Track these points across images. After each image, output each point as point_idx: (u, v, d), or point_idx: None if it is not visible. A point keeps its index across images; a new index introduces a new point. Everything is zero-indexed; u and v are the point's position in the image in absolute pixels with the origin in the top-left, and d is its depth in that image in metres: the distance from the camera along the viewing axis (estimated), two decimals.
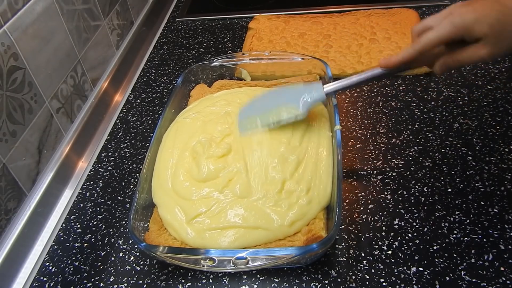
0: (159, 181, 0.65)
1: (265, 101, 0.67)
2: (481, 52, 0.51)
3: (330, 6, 1.12)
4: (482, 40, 0.50)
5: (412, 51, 0.55)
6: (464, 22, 0.50)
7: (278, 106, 0.64)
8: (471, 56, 0.52)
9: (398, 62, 0.56)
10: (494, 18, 0.49)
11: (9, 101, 0.65)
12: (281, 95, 0.66)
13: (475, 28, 0.50)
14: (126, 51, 1.02)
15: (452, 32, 0.51)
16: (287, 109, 0.63)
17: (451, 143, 0.72)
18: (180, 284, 0.58)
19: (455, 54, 0.53)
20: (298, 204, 0.58)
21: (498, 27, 0.49)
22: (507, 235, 0.58)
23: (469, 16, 0.50)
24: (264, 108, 0.66)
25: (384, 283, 0.55)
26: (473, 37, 0.51)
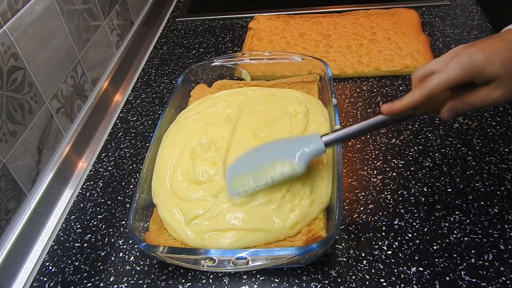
0: (159, 181, 0.65)
1: (256, 156, 0.60)
2: (495, 94, 0.47)
3: (330, 6, 1.12)
4: (495, 81, 0.47)
5: (419, 96, 0.50)
6: (474, 63, 0.47)
7: (272, 162, 0.57)
8: (483, 99, 0.48)
9: (402, 108, 0.51)
10: (506, 57, 0.46)
11: (9, 101, 0.65)
12: (274, 149, 0.59)
13: (487, 68, 0.46)
14: (126, 51, 1.02)
15: (461, 74, 0.47)
16: (282, 163, 0.56)
17: (451, 143, 0.72)
18: (180, 284, 0.58)
19: (465, 98, 0.49)
20: (300, 206, 0.58)
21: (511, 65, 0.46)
22: (507, 235, 0.58)
23: (479, 56, 0.47)
24: (256, 164, 0.58)
25: (384, 283, 0.55)
26: (484, 78, 0.47)
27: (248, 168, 0.58)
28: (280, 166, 0.56)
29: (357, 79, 0.89)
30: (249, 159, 0.60)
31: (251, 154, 0.60)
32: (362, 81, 0.88)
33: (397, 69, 0.87)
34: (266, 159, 0.58)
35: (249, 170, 0.58)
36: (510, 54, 0.46)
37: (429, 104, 0.52)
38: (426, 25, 1.01)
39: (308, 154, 0.56)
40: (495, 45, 0.47)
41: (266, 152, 0.59)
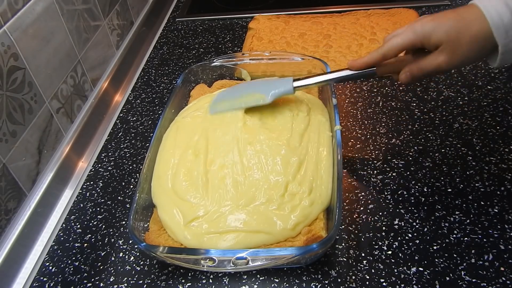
0: (159, 181, 0.65)
1: (238, 90, 0.73)
2: (439, 59, 0.54)
3: (330, 6, 1.12)
4: (440, 48, 0.53)
5: (376, 54, 0.58)
6: (423, 30, 0.54)
7: (248, 94, 0.69)
8: (430, 63, 0.55)
9: (363, 63, 0.60)
10: (449, 26, 0.52)
11: (9, 101, 0.65)
12: (252, 85, 0.72)
13: (432, 35, 0.53)
14: (126, 51, 1.03)
15: (412, 38, 0.55)
16: (254, 95, 0.68)
17: (451, 143, 0.72)
18: (180, 284, 0.58)
19: (418, 62, 0.56)
20: (300, 206, 0.58)
21: (453, 34, 0.52)
22: (507, 235, 0.58)
23: (429, 25, 0.54)
24: (235, 95, 0.71)
25: (384, 283, 0.55)
26: (431, 44, 0.54)
27: (229, 96, 0.72)
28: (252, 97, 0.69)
29: None
30: (233, 90, 0.73)
31: (236, 88, 0.74)
32: (362, 81, 0.88)
33: None
34: (244, 92, 0.71)
35: (229, 97, 0.71)
36: (454, 23, 0.52)
37: (391, 65, 0.59)
38: None
39: (277, 92, 0.67)
40: (446, 16, 0.53)
41: (246, 87, 0.72)
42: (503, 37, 0.51)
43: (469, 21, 0.52)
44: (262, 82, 0.73)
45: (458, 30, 0.52)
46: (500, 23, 0.50)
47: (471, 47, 0.52)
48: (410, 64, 0.58)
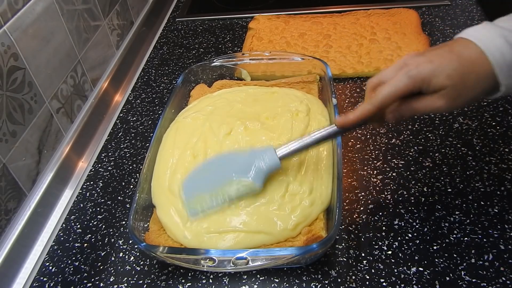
0: (158, 181, 0.65)
1: (212, 173, 0.59)
2: (438, 103, 0.48)
3: (330, 6, 1.12)
4: (440, 92, 0.48)
5: (371, 107, 0.51)
6: (421, 74, 0.48)
7: (228, 181, 0.57)
8: (427, 106, 0.49)
9: (356, 120, 0.53)
10: (452, 69, 0.47)
11: (9, 101, 0.65)
12: (229, 164, 0.59)
13: (433, 80, 0.47)
14: (126, 51, 1.02)
15: (409, 84, 0.49)
16: (239, 183, 0.57)
17: (451, 143, 0.72)
18: (180, 284, 0.58)
19: (411, 103, 0.50)
20: (301, 206, 0.58)
21: (457, 78, 0.47)
22: (507, 235, 0.58)
23: (426, 67, 0.48)
24: (212, 183, 0.58)
25: (384, 283, 0.55)
26: (431, 89, 0.48)
27: (205, 187, 0.58)
28: (236, 185, 0.57)
29: (357, 79, 0.89)
30: (204, 175, 0.60)
31: (206, 170, 0.60)
32: (362, 81, 0.88)
33: None
34: (222, 176, 0.58)
35: (206, 189, 0.58)
36: (455, 65, 0.47)
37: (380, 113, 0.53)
38: (426, 25, 1.01)
39: (264, 171, 0.57)
40: (443, 56, 0.48)
41: (222, 167, 0.59)
42: (506, 76, 0.47)
43: (471, 62, 0.47)
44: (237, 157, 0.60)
45: (462, 73, 0.47)
46: (503, 63, 0.46)
47: (476, 89, 0.48)
48: (398, 105, 0.51)
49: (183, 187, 0.60)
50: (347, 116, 0.53)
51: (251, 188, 0.57)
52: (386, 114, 0.53)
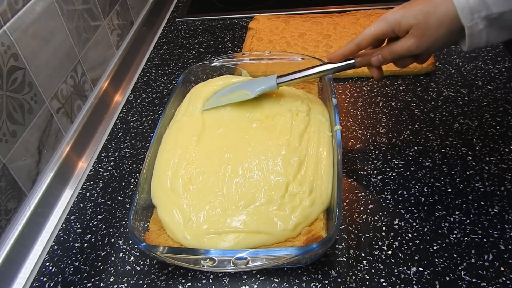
0: (158, 181, 0.64)
1: (230, 88, 0.76)
2: (409, 42, 0.56)
3: (330, 6, 1.12)
4: (410, 32, 0.55)
5: (351, 45, 0.61)
6: (394, 17, 0.56)
7: (236, 91, 0.73)
8: (401, 46, 0.57)
9: (340, 54, 0.63)
10: (418, 10, 0.54)
11: (9, 101, 0.65)
12: (244, 83, 0.75)
13: (402, 21, 0.55)
14: (126, 51, 1.02)
15: (384, 26, 0.57)
16: (239, 92, 0.72)
17: (451, 143, 0.72)
18: (180, 284, 0.58)
19: (390, 46, 0.59)
20: (301, 207, 0.58)
21: (421, 18, 0.54)
22: (507, 235, 0.58)
23: (399, 12, 0.56)
24: (226, 92, 0.75)
25: (384, 283, 0.55)
26: (401, 30, 0.56)
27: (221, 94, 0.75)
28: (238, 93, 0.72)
29: (357, 79, 0.89)
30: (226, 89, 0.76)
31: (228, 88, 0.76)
32: (362, 81, 0.88)
33: (397, 69, 0.87)
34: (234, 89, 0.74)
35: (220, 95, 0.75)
36: (422, 7, 0.54)
37: (366, 55, 0.62)
38: None
39: (261, 88, 0.70)
40: (416, 2, 0.55)
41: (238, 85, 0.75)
42: (468, 19, 0.51)
43: (436, 4, 0.53)
44: (251, 80, 0.76)
45: (425, 13, 0.53)
46: (465, 4, 0.51)
47: (439, 29, 0.54)
48: (380, 49, 0.60)
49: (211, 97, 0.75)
50: (335, 52, 0.64)
51: (246, 94, 0.71)
52: (371, 58, 0.61)
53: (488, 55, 0.89)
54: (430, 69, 0.87)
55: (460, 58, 0.90)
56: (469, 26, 0.52)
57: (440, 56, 0.91)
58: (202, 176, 0.63)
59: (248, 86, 0.73)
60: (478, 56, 0.90)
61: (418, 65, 0.86)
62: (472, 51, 0.90)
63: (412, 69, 0.87)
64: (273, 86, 0.70)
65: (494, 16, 0.51)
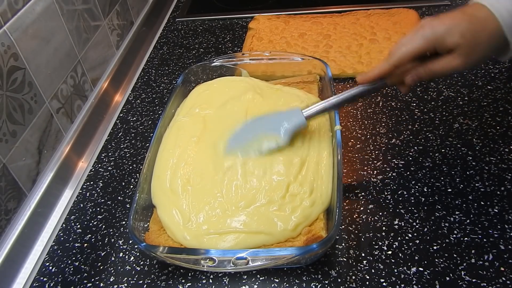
0: (158, 181, 0.64)
1: (248, 131, 0.67)
2: (455, 62, 0.51)
3: (330, 6, 1.12)
4: (455, 51, 0.51)
5: (387, 65, 0.55)
6: (435, 34, 0.51)
7: (259, 135, 0.64)
8: (444, 66, 0.52)
9: (374, 76, 0.57)
10: (464, 28, 0.50)
11: (9, 101, 0.65)
12: (262, 123, 0.66)
13: (447, 38, 0.50)
14: (126, 51, 1.02)
15: (424, 44, 0.52)
16: (267, 137, 0.63)
17: (451, 143, 0.72)
18: (180, 284, 0.58)
19: (428, 65, 0.54)
20: (301, 207, 0.58)
21: (469, 36, 0.50)
22: (507, 235, 0.58)
23: (440, 28, 0.51)
24: (247, 138, 0.65)
25: (384, 283, 0.55)
26: (445, 48, 0.51)
27: (241, 141, 0.65)
28: (266, 139, 0.63)
29: None
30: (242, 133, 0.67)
31: (244, 129, 0.67)
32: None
33: None
34: (255, 132, 0.65)
35: (242, 143, 0.65)
36: (468, 25, 0.50)
37: (398, 75, 0.56)
38: None
39: (291, 128, 0.62)
40: (455, 18, 0.51)
41: (256, 126, 0.67)
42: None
43: (483, 20, 0.50)
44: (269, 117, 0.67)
45: (474, 31, 0.50)
46: (511, 22, 0.49)
47: (489, 47, 0.51)
48: (416, 67, 0.55)
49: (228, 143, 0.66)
50: (366, 74, 0.58)
51: (277, 141, 0.62)
52: (406, 77, 0.56)
53: None
54: None
55: None
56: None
57: None
58: (201, 177, 0.63)
59: (272, 126, 0.64)
60: None
61: None
62: None
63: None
64: (302, 123, 0.62)
65: None
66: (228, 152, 0.64)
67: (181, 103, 0.79)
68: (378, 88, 0.59)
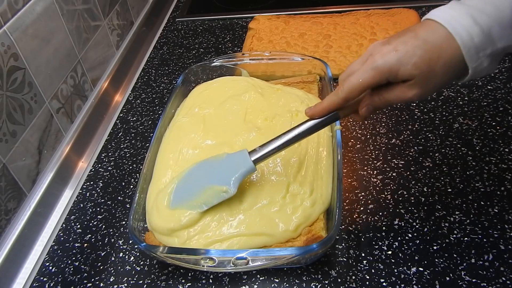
0: (156, 185, 0.64)
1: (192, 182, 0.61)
2: (410, 93, 0.47)
3: (330, 6, 1.12)
4: (409, 82, 0.47)
5: (336, 98, 0.50)
6: (386, 65, 0.46)
7: (205, 188, 0.58)
8: (399, 96, 0.48)
9: (323, 110, 0.52)
10: (418, 57, 0.45)
11: (9, 101, 0.65)
12: (206, 172, 0.60)
13: (400, 69, 0.46)
14: (126, 51, 1.02)
15: (376, 76, 0.47)
16: (213, 189, 0.57)
17: (451, 143, 0.72)
18: (180, 284, 0.58)
19: (382, 93, 0.49)
20: (302, 207, 0.58)
21: (424, 67, 0.45)
22: (507, 235, 0.58)
23: (392, 57, 0.46)
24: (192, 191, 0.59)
25: (384, 283, 0.55)
26: (399, 79, 0.47)
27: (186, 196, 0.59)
28: (212, 192, 0.57)
29: None
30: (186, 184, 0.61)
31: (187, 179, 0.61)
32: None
33: None
34: (200, 185, 0.59)
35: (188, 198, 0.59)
36: (422, 53, 0.45)
37: (351, 106, 0.52)
38: None
39: (239, 178, 0.57)
40: (408, 43, 0.46)
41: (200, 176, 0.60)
42: (474, 59, 0.45)
43: (438, 47, 0.45)
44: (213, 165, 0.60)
45: (429, 60, 0.45)
46: (471, 44, 0.44)
47: (445, 75, 0.46)
48: (371, 95, 0.50)
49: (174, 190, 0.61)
50: (315, 107, 0.53)
51: (224, 193, 0.57)
52: (360, 108, 0.51)
53: None
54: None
55: None
56: (475, 67, 0.45)
57: None
58: None
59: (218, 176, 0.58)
60: None
61: None
62: None
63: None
64: (251, 169, 0.56)
65: (498, 51, 0.45)
66: (173, 208, 0.59)
67: (181, 103, 0.79)
68: (330, 121, 0.53)
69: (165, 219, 0.58)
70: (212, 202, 0.58)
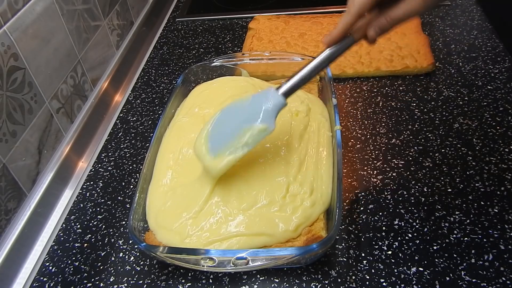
0: (156, 185, 0.64)
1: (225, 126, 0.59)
2: (413, 3, 0.49)
3: (330, 6, 1.12)
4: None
5: (349, 16, 0.52)
6: None
7: (241, 131, 0.57)
8: (405, 11, 0.50)
9: (340, 32, 0.54)
10: None
11: (9, 101, 0.65)
12: (238, 115, 0.59)
13: None
14: (126, 51, 1.03)
15: None
16: (252, 130, 0.56)
17: (451, 143, 0.72)
18: (180, 284, 0.58)
19: (388, 12, 0.51)
20: (302, 207, 0.58)
21: None
22: (507, 235, 0.58)
23: None
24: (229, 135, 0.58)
25: (384, 283, 0.55)
26: None
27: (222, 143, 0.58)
28: (250, 133, 0.56)
29: (357, 79, 0.89)
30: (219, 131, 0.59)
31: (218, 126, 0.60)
32: (362, 81, 0.88)
33: (397, 69, 0.88)
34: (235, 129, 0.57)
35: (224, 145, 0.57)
36: None
37: (362, 28, 0.53)
38: (426, 25, 1.01)
39: (272, 111, 0.56)
40: None
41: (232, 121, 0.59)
42: None
43: None
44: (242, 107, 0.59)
45: None
46: None
47: None
48: (377, 18, 0.52)
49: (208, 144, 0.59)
50: (331, 33, 0.54)
51: (265, 131, 0.56)
52: (368, 32, 0.53)
53: (488, 55, 0.89)
54: (430, 69, 0.87)
55: (460, 58, 0.90)
56: None
57: (440, 56, 0.91)
58: None
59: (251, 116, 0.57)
60: (478, 56, 0.90)
61: (418, 65, 0.87)
62: None
63: (412, 69, 0.87)
64: (282, 103, 0.57)
65: None
66: (214, 155, 0.58)
67: (181, 103, 0.79)
68: (346, 47, 0.55)
69: None
70: (253, 143, 0.56)
